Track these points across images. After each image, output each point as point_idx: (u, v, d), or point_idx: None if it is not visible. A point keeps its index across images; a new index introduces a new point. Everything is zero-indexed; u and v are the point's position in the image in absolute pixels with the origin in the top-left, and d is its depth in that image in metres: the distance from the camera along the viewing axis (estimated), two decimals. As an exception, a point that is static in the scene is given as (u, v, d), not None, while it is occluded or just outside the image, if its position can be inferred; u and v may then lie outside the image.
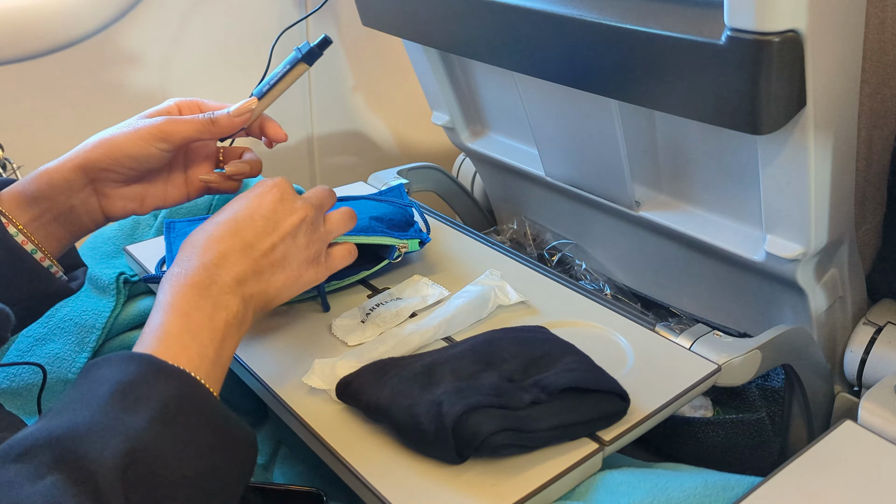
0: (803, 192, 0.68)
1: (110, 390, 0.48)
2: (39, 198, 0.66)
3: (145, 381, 0.49)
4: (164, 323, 0.55)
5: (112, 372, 0.50)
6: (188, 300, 0.56)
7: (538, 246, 1.12)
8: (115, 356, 0.51)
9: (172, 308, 0.56)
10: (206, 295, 0.57)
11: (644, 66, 0.67)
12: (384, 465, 0.61)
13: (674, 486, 0.59)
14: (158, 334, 0.54)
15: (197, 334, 0.55)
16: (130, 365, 0.50)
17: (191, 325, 0.55)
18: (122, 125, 0.70)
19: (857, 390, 0.86)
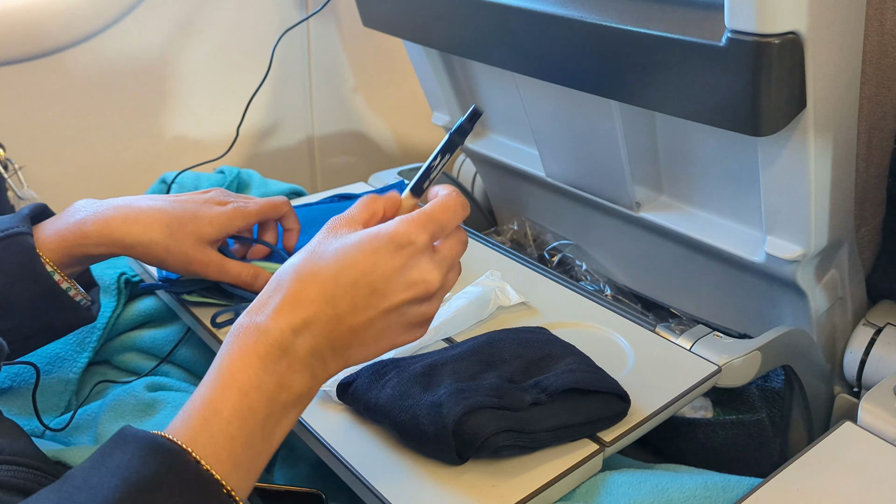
0: (803, 193, 0.68)
1: (119, 490, 0.42)
2: (85, 262, 0.72)
3: (161, 488, 0.43)
4: (213, 400, 0.47)
5: (129, 461, 0.43)
6: (250, 374, 0.48)
7: (538, 247, 1.12)
8: (141, 437, 0.45)
9: (229, 380, 0.48)
10: (273, 370, 0.49)
11: (644, 67, 0.68)
12: (384, 465, 0.61)
13: (674, 487, 0.60)
14: (203, 414, 0.47)
15: (246, 421, 0.47)
16: (153, 459, 0.43)
17: (244, 407, 0.47)
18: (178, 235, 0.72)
19: (857, 391, 0.86)
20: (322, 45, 1.43)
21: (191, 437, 0.46)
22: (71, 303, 0.70)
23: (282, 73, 1.40)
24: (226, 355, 0.49)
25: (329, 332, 0.50)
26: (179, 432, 0.46)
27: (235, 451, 0.46)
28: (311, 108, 1.48)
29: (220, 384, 0.48)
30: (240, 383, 0.48)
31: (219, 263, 0.75)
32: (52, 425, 0.76)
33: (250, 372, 0.48)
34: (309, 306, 0.50)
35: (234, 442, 0.46)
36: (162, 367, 0.85)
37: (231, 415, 0.47)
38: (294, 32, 1.34)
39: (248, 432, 0.47)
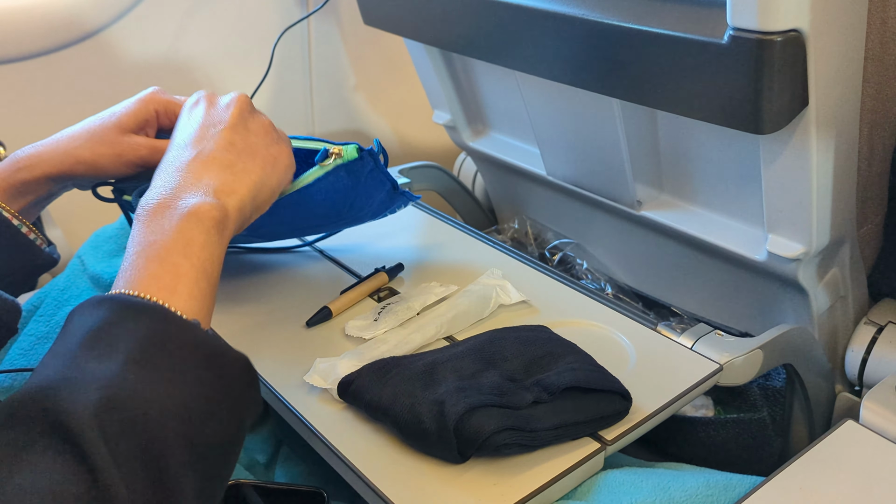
0: (805, 191, 0.68)
1: (80, 340, 0.46)
2: (25, 195, 0.71)
3: (115, 323, 0.47)
4: (130, 256, 0.52)
5: (83, 320, 0.48)
6: (151, 226, 0.53)
7: (539, 245, 1.12)
8: (86, 302, 0.49)
9: (136, 241, 0.53)
10: (168, 214, 0.54)
11: (646, 65, 0.67)
12: (386, 464, 0.61)
13: (676, 486, 0.60)
14: (125, 270, 0.51)
15: (166, 257, 0.51)
16: (100, 309, 0.48)
17: (158, 249, 0.52)
18: (100, 133, 0.73)
19: (859, 390, 0.86)
20: (323, 44, 1.43)
21: (120, 288, 0.50)
22: (29, 243, 0.71)
23: (282, 71, 1.40)
24: (132, 231, 0.53)
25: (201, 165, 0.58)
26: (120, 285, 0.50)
27: (165, 287, 0.50)
28: (311, 106, 1.47)
29: (129, 246, 0.52)
30: (145, 235, 0.52)
31: (149, 144, 0.74)
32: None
33: (151, 223, 0.53)
34: (172, 165, 0.59)
35: (161, 280, 0.50)
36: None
37: (147, 260, 0.51)
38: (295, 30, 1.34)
39: (172, 266, 0.51)
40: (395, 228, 0.95)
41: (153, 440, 0.43)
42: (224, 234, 0.55)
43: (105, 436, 0.41)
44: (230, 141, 0.61)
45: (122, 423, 0.42)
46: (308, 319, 0.77)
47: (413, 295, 0.80)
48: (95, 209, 0.82)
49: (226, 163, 0.59)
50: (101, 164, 0.72)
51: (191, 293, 0.51)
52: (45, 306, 0.87)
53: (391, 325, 0.75)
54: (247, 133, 0.62)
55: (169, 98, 0.76)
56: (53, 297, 0.87)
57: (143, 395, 0.44)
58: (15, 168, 0.71)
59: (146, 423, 0.43)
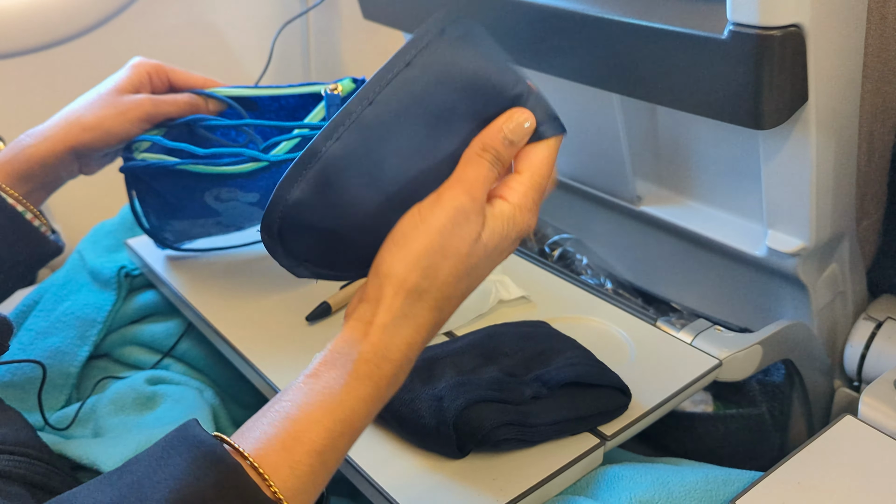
0: (805, 187, 0.68)
1: (165, 502, 0.39)
2: (32, 176, 0.70)
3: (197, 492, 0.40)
4: (301, 424, 0.44)
5: (184, 468, 0.41)
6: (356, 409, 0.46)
7: (539, 240, 1.12)
8: (206, 444, 0.42)
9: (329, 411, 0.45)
10: (377, 399, 0.47)
11: (646, 60, 0.67)
12: (385, 459, 0.61)
13: (675, 481, 0.60)
14: (285, 436, 0.44)
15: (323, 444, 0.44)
16: (209, 471, 0.41)
17: (324, 425, 0.44)
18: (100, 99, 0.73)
19: (857, 385, 0.87)
20: (322, 38, 1.43)
21: (263, 455, 0.43)
22: (35, 231, 0.70)
23: (281, 65, 1.40)
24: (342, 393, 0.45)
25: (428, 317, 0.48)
26: (252, 446, 0.43)
27: (304, 482, 0.43)
28: (311, 101, 1.47)
29: (318, 414, 0.45)
30: (341, 421, 0.45)
31: (150, 98, 0.74)
32: (52, 419, 0.76)
33: (357, 406, 0.45)
34: (424, 329, 0.48)
35: (307, 471, 0.44)
36: (162, 360, 0.85)
37: (314, 446, 0.44)
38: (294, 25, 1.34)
39: (324, 461, 0.45)
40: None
41: None
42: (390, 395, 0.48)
43: None
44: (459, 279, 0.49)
45: None
46: (308, 315, 0.77)
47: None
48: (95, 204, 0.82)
49: (441, 310, 0.49)
50: (107, 126, 0.72)
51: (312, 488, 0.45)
52: (44, 301, 0.87)
53: (391, 321, 0.75)
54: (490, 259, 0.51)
55: (155, 62, 0.78)
56: (53, 292, 0.87)
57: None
58: (19, 148, 0.70)
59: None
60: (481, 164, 0.49)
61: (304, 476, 0.43)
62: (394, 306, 0.46)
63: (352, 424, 0.45)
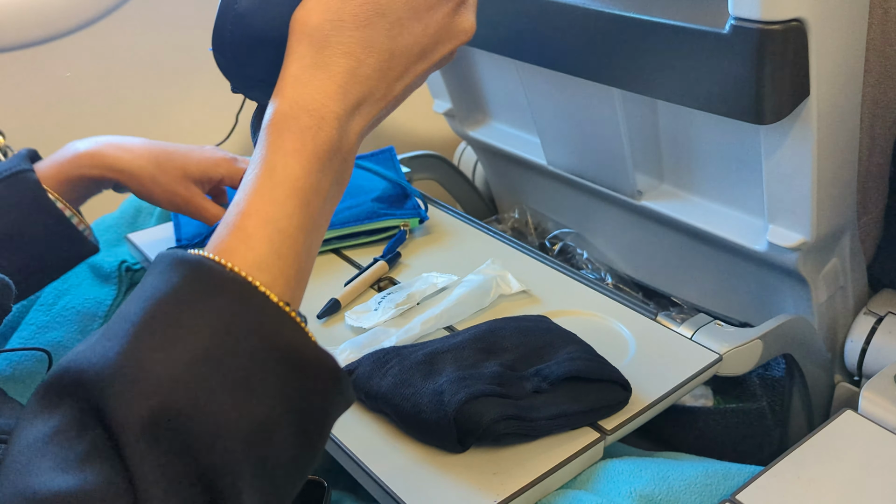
0: (806, 181, 0.68)
1: (144, 312, 0.38)
2: (81, 188, 0.76)
3: (187, 300, 0.38)
4: (239, 197, 0.43)
5: (155, 282, 0.39)
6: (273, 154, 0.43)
7: (540, 235, 1.12)
8: (170, 256, 0.40)
9: (252, 171, 0.43)
10: (328, 167, 0.44)
11: (647, 54, 0.67)
12: (386, 453, 0.61)
13: (675, 475, 0.60)
14: (226, 218, 0.43)
15: (271, 211, 0.42)
16: (175, 273, 0.39)
17: (265, 196, 0.43)
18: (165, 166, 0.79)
19: (858, 380, 0.87)
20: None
21: (215, 245, 0.42)
22: (75, 232, 0.75)
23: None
24: (267, 157, 0.43)
25: (380, 100, 0.47)
26: (211, 244, 0.42)
27: (263, 257, 0.41)
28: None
29: (256, 187, 0.43)
30: (283, 185, 0.43)
31: (200, 202, 0.80)
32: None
33: (290, 163, 0.43)
34: (365, 83, 0.46)
35: (263, 243, 0.41)
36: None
37: (261, 216, 0.42)
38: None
39: (279, 228, 0.42)
40: (396, 218, 0.95)
41: (215, 464, 0.36)
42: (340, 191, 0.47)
43: (157, 452, 0.35)
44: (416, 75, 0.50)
45: (179, 441, 0.35)
46: (318, 312, 0.77)
47: (413, 285, 0.80)
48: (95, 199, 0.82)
49: (388, 106, 0.49)
50: (152, 193, 0.78)
51: (292, 268, 0.42)
52: (45, 295, 0.87)
53: (391, 315, 0.75)
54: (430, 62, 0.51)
55: (240, 168, 0.82)
56: (54, 286, 0.87)
57: (209, 408, 0.36)
58: (77, 164, 0.75)
59: (209, 443, 0.36)
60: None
61: (259, 247, 0.41)
62: (301, 55, 0.45)
63: (293, 185, 0.43)
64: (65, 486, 0.34)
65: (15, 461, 0.36)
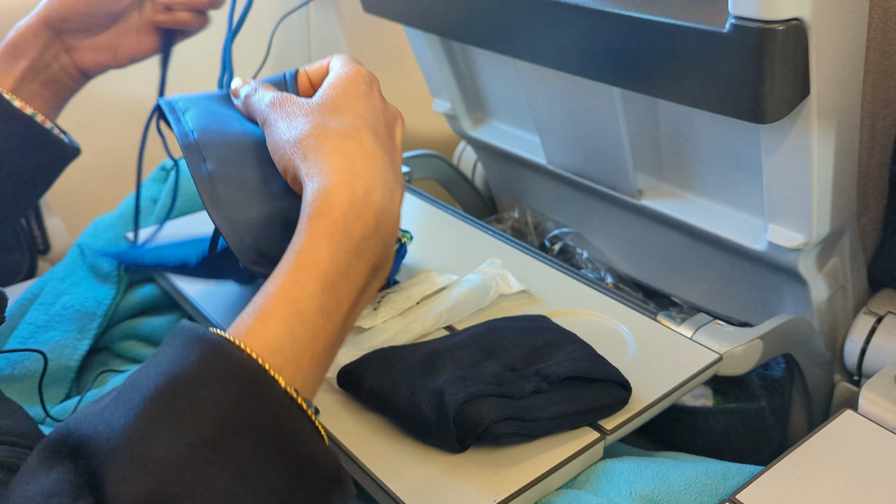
0: (806, 181, 0.68)
1: (155, 388, 0.38)
2: (17, 56, 0.66)
3: (200, 381, 0.38)
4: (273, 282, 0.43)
5: (171, 355, 0.40)
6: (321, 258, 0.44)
7: (539, 234, 1.12)
8: (189, 329, 0.41)
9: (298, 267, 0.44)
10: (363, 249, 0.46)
11: (647, 54, 0.67)
12: (385, 453, 0.61)
13: (675, 475, 0.60)
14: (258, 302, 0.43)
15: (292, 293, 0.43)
16: (192, 352, 0.39)
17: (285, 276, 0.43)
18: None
19: (857, 380, 0.87)
20: (322, 31, 1.42)
21: (244, 331, 0.41)
22: (48, 133, 0.66)
23: (281, 58, 1.39)
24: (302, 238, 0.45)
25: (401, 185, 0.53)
26: (233, 325, 0.42)
27: (278, 334, 0.41)
28: (310, 94, 1.47)
29: (279, 272, 0.44)
30: (321, 272, 0.43)
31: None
32: (53, 412, 0.76)
33: (321, 252, 0.44)
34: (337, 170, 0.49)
35: (280, 325, 0.41)
36: (162, 354, 0.85)
37: (281, 297, 0.42)
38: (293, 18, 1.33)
39: (297, 309, 0.42)
40: (395, 217, 0.95)
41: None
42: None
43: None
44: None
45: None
46: None
47: (413, 284, 0.80)
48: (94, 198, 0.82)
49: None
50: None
51: (309, 376, 0.42)
52: (44, 295, 0.87)
53: (391, 315, 0.75)
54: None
55: None
56: (53, 285, 0.87)
57: (206, 496, 0.36)
58: (9, 41, 0.67)
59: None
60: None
61: (276, 327, 0.41)
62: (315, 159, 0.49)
63: (318, 266, 0.44)
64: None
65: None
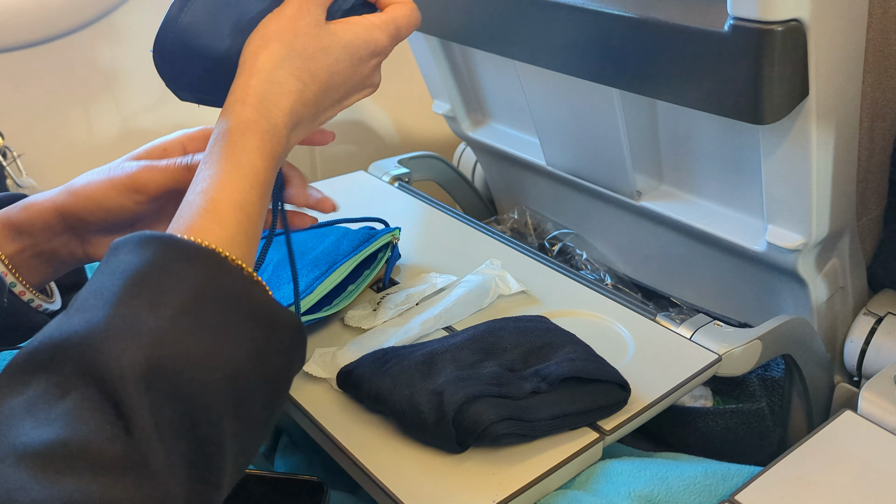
0: (805, 182, 0.68)
1: (124, 282, 0.42)
2: (24, 233, 0.60)
3: (166, 269, 0.43)
4: (205, 185, 0.49)
5: (128, 259, 0.43)
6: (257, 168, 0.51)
7: (539, 235, 1.12)
8: (131, 239, 0.45)
9: (217, 164, 0.50)
10: (275, 168, 0.52)
11: (646, 55, 0.67)
12: (385, 453, 0.61)
13: (674, 475, 0.60)
14: (192, 203, 0.48)
15: (240, 198, 0.49)
16: (147, 249, 0.44)
17: (234, 185, 0.50)
18: (106, 168, 0.62)
19: (857, 380, 0.87)
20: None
21: (180, 226, 0.47)
22: (17, 302, 0.59)
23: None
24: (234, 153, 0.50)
25: (308, 131, 0.57)
26: (180, 225, 0.48)
27: (227, 231, 0.47)
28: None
29: (224, 176, 0.50)
30: (248, 177, 0.50)
31: (141, 166, 0.61)
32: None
33: (254, 159, 0.51)
34: (305, 106, 0.54)
35: (225, 221, 0.48)
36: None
37: (219, 197, 0.49)
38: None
39: (238, 209, 0.49)
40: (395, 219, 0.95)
41: (200, 408, 0.40)
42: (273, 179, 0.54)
43: (150, 400, 0.39)
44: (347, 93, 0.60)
45: (170, 386, 0.39)
46: None
47: (412, 285, 0.80)
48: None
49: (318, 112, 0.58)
50: (91, 192, 0.60)
51: (246, 242, 0.49)
52: (44, 296, 0.87)
53: (390, 315, 0.75)
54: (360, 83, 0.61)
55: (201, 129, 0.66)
56: (53, 286, 0.87)
57: (194, 355, 0.41)
58: (25, 203, 0.61)
59: (194, 388, 0.40)
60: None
61: (231, 228, 0.48)
62: (259, 70, 0.53)
63: (256, 177, 0.51)
64: (53, 436, 0.37)
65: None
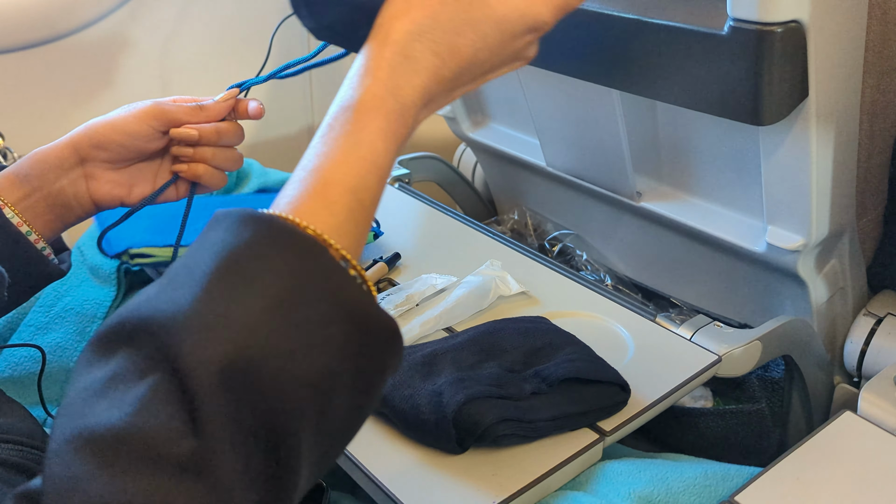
0: (805, 183, 0.68)
1: (217, 263, 0.39)
2: (30, 175, 0.66)
3: (261, 254, 0.39)
4: (318, 163, 0.45)
5: (225, 237, 0.40)
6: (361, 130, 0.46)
7: (539, 236, 1.12)
8: (235, 212, 0.42)
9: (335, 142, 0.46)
10: (398, 152, 0.48)
11: (646, 56, 0.67)
12: (385, 454, 0.61)
13: (674, 476, 0.60)
14: (303, 181, 0.44)
15: (355, 182, 0.45)
16: (246, 228, 0.40)
17: (350, 166, 0.45)
18: (115, 111, 0.70)
19: (857, 381, 0.87)
20: (322, 34, 1.42)
21: (284, 206, 0.44)
22: (34, 250, 0.65)
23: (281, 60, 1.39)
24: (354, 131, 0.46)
25: (439, 108, 0.51)
26: (286, 203, 0.44)
27: (335, 216, 0.44)
28: (311, 96, 1.47)
29: (340, 156, 0.45)
30: (366, 159, 0.46)
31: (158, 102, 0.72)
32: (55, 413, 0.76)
33: (375, 141, 0.46)
34: (441, 84, 0.49)
35: (334, 206, 0.44)
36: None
37: (346, 185, 0.44)
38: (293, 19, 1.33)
39: (359, 199, 0.45)
40: (395, 220, 0.95)
41: (284, 409, 0.37)
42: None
43: (227, 398, 0.36)
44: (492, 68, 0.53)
45: (249, 388, 0.36)
46: None
47: (412, 286, 0.80)
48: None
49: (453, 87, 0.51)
50: (113, 120, 0.69)
51: (353, 232, 0.45)
52: (44, 297, 0.87)
53: (390, 316, 0.75)
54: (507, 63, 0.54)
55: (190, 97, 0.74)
56: (53, 287, 0.87)
57: (280, 353, 0.37)
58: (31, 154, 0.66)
59: (278, 390, 0.37)
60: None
61: (341, 214, 0.44)
62: (395, 41, 0.48)
63: (374, 161, 0.46)
64: (122, 424, 0.35)
65: (70, 404, 0.37)
